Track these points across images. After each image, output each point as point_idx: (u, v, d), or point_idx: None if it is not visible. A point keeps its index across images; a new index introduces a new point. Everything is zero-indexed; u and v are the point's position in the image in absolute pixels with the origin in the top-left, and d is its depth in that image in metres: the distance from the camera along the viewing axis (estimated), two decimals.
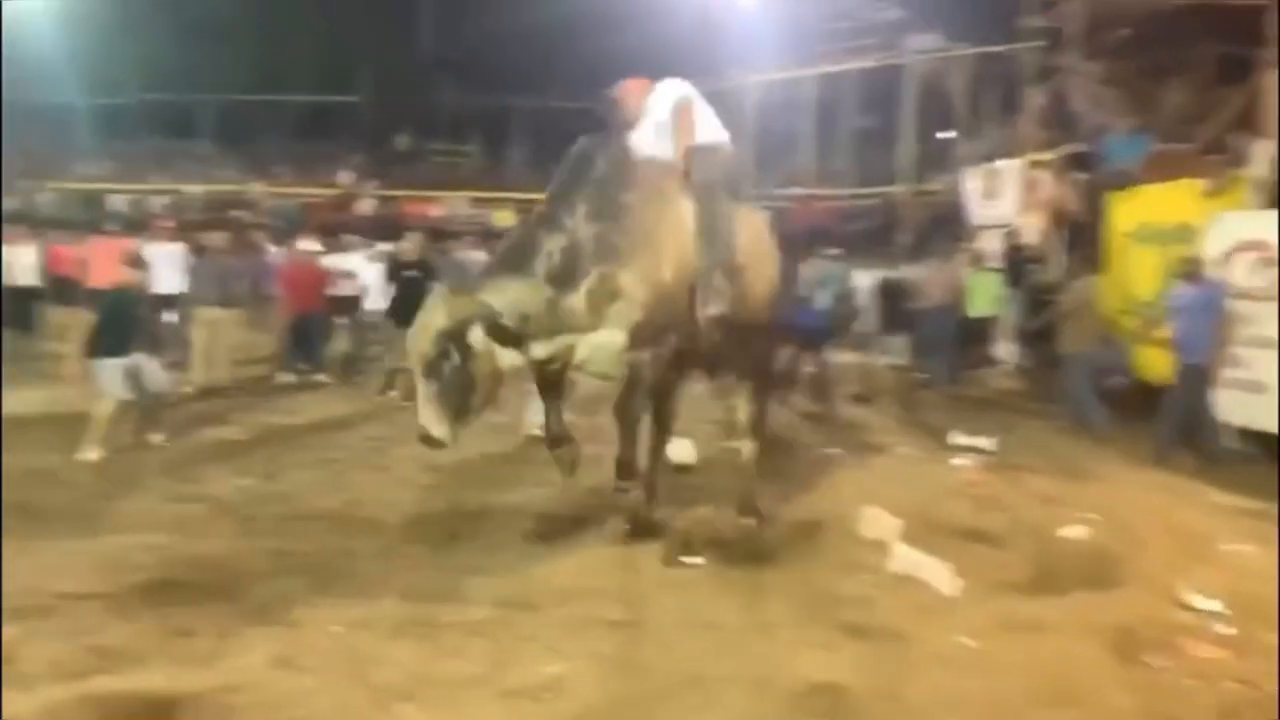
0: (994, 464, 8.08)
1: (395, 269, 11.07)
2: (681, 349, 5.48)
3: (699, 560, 5.50)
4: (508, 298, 4.95)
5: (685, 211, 5.47)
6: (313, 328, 11.83)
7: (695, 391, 7.21)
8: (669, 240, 5.37)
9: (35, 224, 16.74)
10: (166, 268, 10.99)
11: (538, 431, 6.83)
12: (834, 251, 11.77)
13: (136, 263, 8.43)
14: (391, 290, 10.81)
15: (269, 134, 28.09)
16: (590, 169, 5.35)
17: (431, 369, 4.80)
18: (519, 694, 3.97)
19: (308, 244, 12.94)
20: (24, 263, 13.12)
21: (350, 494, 6.86)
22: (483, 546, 5.74)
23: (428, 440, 4.90)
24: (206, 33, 26.93)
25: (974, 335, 12.34)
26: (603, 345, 5.25)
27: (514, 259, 5.17)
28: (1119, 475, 7.76)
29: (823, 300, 10.68)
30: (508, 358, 4.97)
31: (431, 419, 4.84)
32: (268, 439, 8.64)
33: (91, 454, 7.58)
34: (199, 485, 7.02)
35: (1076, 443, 8.98)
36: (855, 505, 6.26)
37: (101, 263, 11.09)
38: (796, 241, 11.18)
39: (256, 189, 24.61)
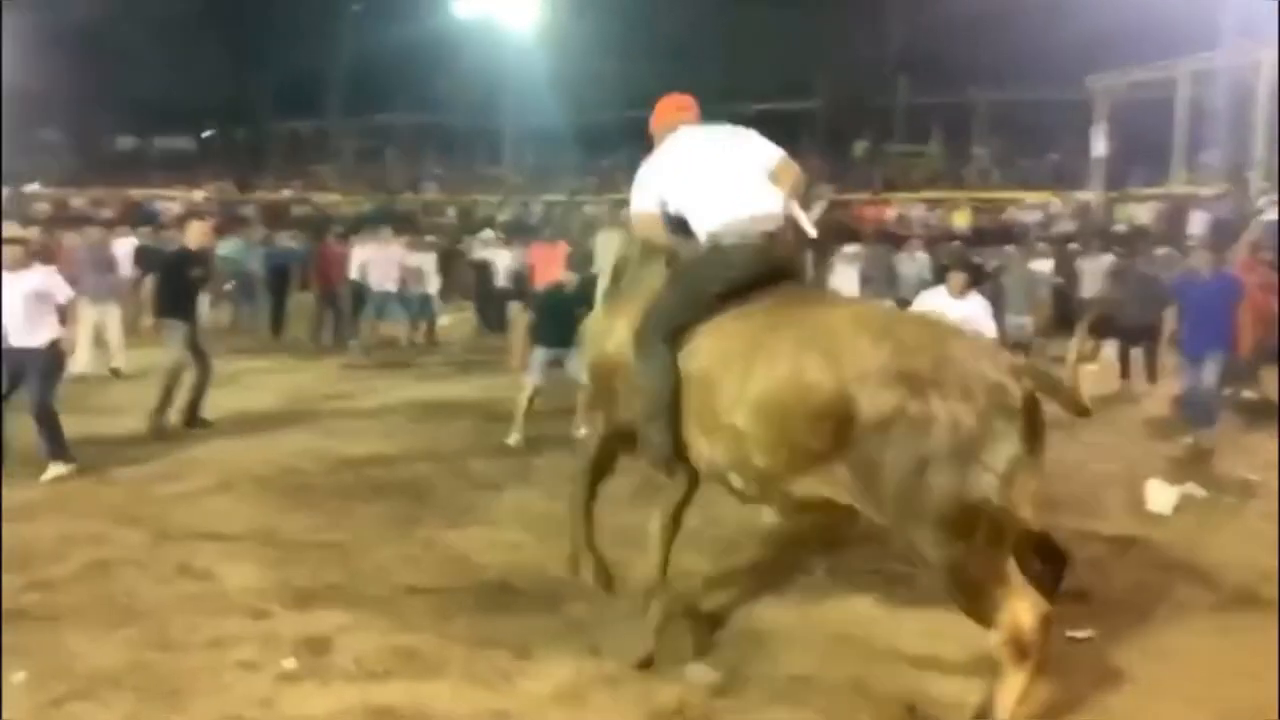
0: None
1: None
2: None
3: None
4: None
5: None
6: None
7: None
8: None
9: (518, 233, 18.55)
10: None
11: None
12: None
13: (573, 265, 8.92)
14: None
15: None
16: None
17: None
18: None
19: None
20: (501, 267, 14.68)
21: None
22: None
23: None
24: (676, 49, 28.28)
25: None
26: None
27: None
28: None
29: None
30: None
31: None
32: None
33: (513, 438, 7.96)
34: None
35: None
36: None
37: (543, 265, 12.03)
38: None
39: None
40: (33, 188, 30.75)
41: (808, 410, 3.45)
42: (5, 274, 6.54)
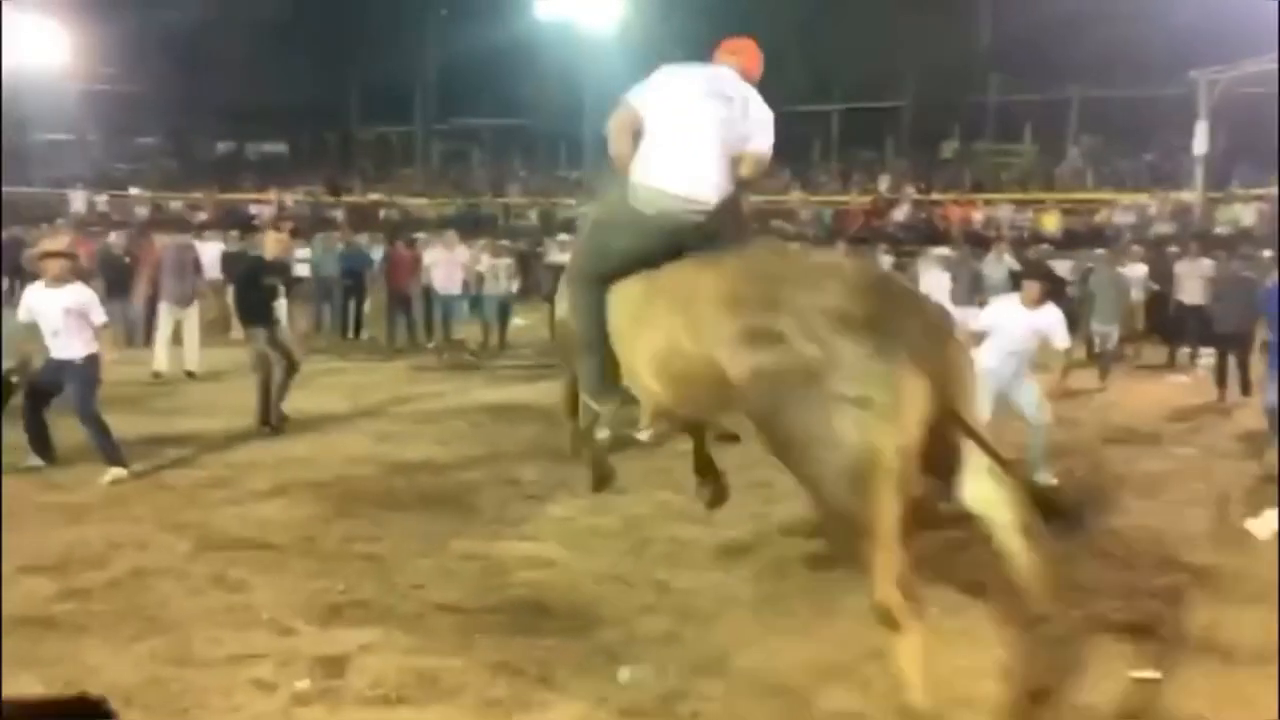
0: None
1: None
2: None
3: None
4: None
5: None
6: None
7: None
8: None
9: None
10: None
11: None
12: None
13: None
14: None
15: (814, 143, 28.40)
16: None
17: None
18: None
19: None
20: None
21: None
22: None
23: None
24: (763, 50, 27.88)
25: None
26: None
27: None
28: None
29: None
30: None
31: None
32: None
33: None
34: (648, 494, 6.71)
35: None
36: None
37: None
38: None
39: (794, 198, 24.92)
40: (133, 192, 31.86)
41: (690, 374, 3.61)
42: (47, 289, 6.81)
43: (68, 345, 6.74)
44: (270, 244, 9.51)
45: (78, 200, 29.88)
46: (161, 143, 37.70)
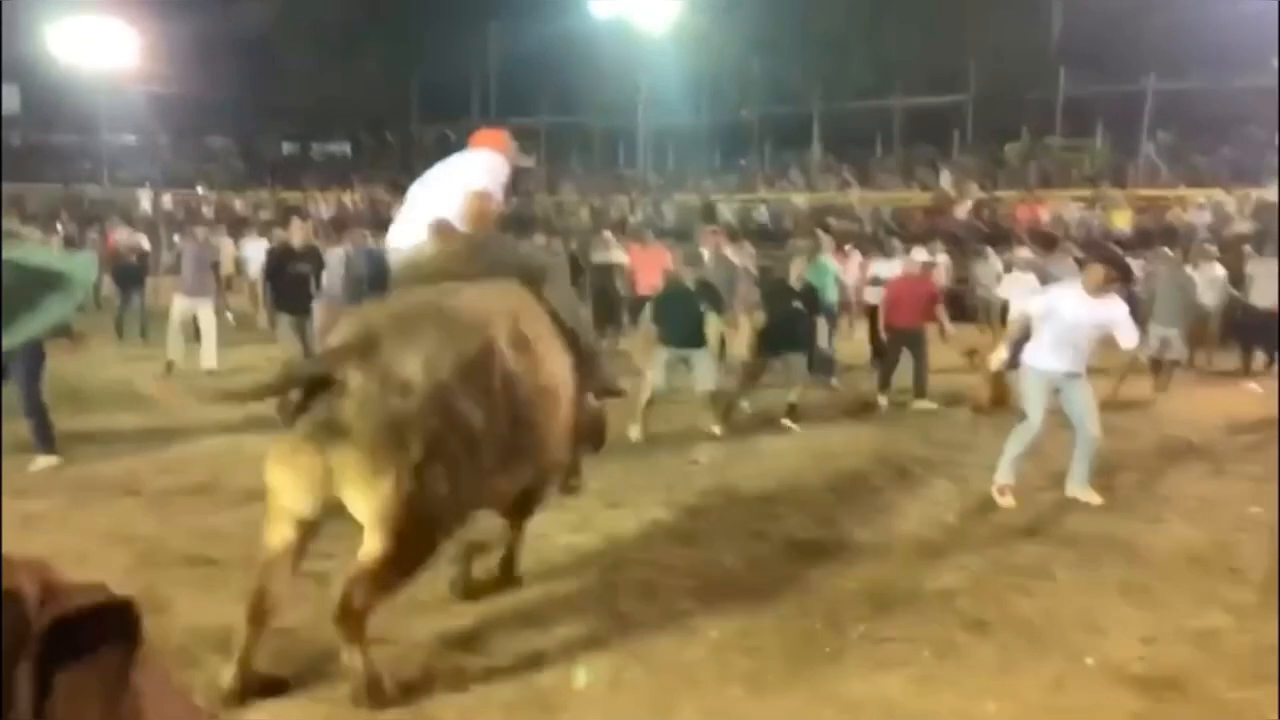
0: None
1: None
2: None
3: None
4: None
5: None
6: (913, 345, 9.90)
7: None
8: None
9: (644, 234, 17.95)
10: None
11: None
12: None
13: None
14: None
15: (875, 139, 27.60)
16: None
17: None
18: None
19: (918, 254, 11.45)
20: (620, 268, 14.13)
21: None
22: None
23: None
24: (824, 44, 27.23)
25: None
26: None
27: None
28: None
29: None
30: None
31: None
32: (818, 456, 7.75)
33: (633, 433, 8.03)
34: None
35: None
36: None
37: (642, 267, 11.55)
38: None
39: (854, 196, 24.17)
40: (199, 191, 32.32)
41: None
42: None
43: None
44: (296, 231, 9.72)
45: (145, 200, 30.36)
46: (229, 143, 38.26)
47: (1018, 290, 10.98)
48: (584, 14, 27.28)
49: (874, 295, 11.41)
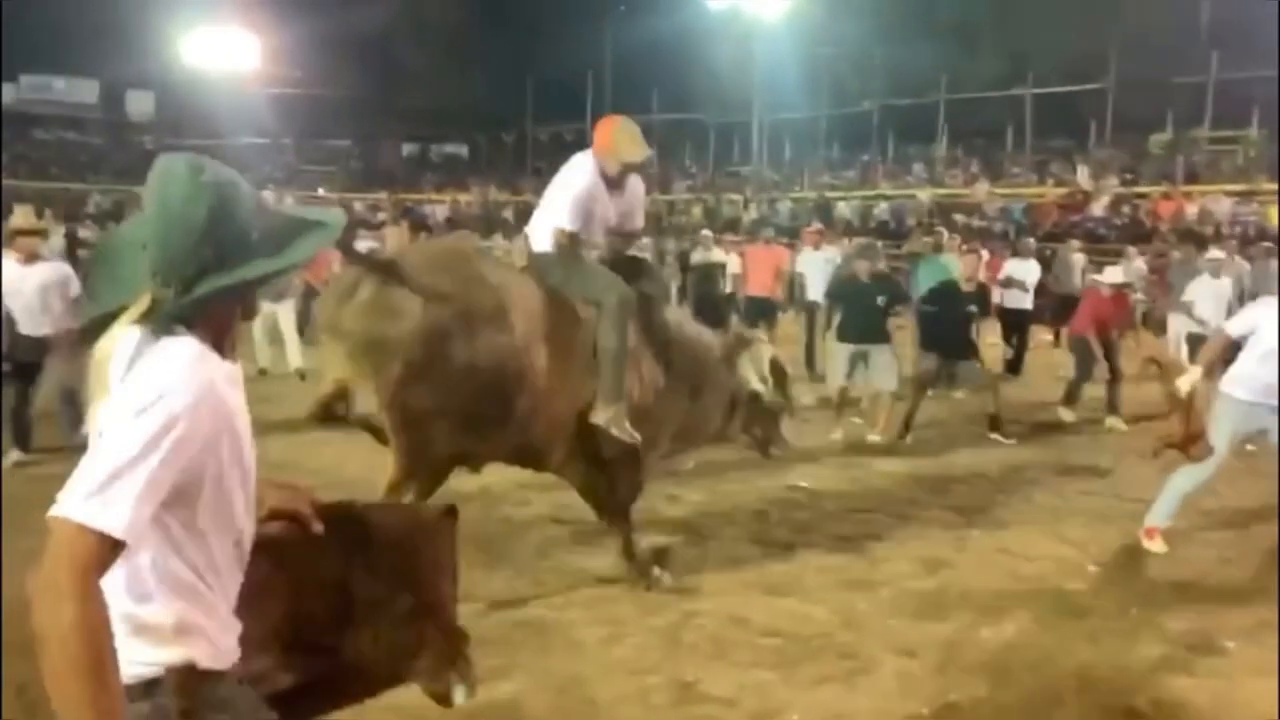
0: None
1: None
2: None
3: None
4: None
5: None
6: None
7: None
8: None
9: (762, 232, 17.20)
10: (815, 274, 10.94)
11: None
12: None
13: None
14: None
15: (1005, 132, 26.30)
16: None
17: None
18: None
19: (1111, 274, 9.43)
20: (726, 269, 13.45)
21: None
22: None
23: None
24: (950, 31, 26.09)
25: None
26: None
27: None
28: None
29: None
30: None
31: None
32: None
33: (836, 434, 7.70)
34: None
35: None
36: None
37: (756, 268, 11.01)
38: None
39: (980, 191, 22.95)
40: (320, 193, 33.02)
41: None
42: (21, 267, 6.64)
43: (42, 323, 6.60)
44: (391, 238, 9.78)
45: (268, 201, 31.04)
46: (350, 146, 39.10)
47: (1204, 296, 9.51)
48: (698, 7, 26.74)
49: (1010, 299, 10.49)
